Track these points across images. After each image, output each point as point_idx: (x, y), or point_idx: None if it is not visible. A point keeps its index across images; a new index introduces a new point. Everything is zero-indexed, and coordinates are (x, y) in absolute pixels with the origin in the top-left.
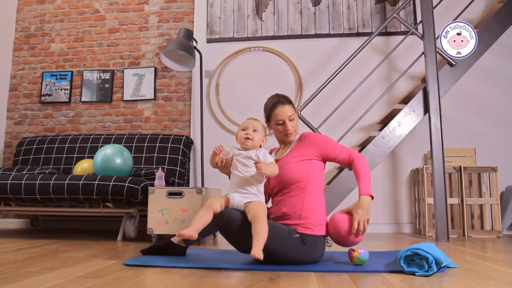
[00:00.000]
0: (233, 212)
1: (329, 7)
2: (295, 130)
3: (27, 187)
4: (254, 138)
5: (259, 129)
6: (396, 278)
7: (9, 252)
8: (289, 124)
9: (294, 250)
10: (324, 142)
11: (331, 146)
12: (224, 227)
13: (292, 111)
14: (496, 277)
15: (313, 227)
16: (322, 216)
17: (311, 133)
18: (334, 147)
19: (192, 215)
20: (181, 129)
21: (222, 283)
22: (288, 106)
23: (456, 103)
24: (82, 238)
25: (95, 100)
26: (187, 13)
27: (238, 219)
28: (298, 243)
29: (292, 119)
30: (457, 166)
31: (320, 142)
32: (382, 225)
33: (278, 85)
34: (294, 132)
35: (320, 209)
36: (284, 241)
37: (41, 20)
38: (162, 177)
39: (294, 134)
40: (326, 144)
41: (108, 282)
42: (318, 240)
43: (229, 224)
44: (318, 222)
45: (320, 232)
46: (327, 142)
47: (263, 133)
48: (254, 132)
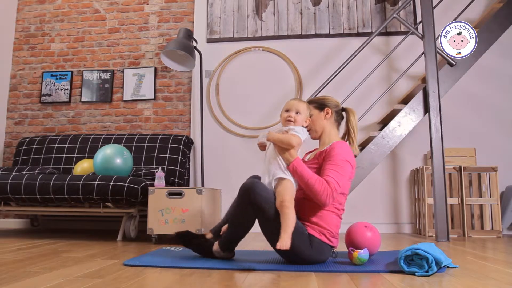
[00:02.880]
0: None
1: (329, 7)
2: (311, 129)
3: (27, 187)
4: (296, 120)
5: (302, 111)
6: (396, 278)
7: (9, 252)
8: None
9: (303, 244)
10: (333, 154)
11: (331, 160)
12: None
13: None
14: (496, 277)
15: (321, 233)
16: (335, 229)
17: (338, 145)
18: (331, 162)
19: (192, 215)
20: (181, 129)
21: (222, 283)
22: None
23: (456, 103)
24: (82, 238)
25: (95, 100)
26: (187, 13)
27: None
28: (307, 240)
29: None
30: (457, 166)
31: (331, 153)
32: (382, 225)
33: (278, 85)
34: (312, 132)
35: (334, 222)
36: (298, 232)
37: (41, 20)
38: (162, 177)
39: (313, 134)
40: (332, 157)
41: (108, 282)
42: (325, 247)
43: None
44: (328, 232)
45: (328, 241)
46: (334, 155)
47: (306, 114)
48: (296, 114)
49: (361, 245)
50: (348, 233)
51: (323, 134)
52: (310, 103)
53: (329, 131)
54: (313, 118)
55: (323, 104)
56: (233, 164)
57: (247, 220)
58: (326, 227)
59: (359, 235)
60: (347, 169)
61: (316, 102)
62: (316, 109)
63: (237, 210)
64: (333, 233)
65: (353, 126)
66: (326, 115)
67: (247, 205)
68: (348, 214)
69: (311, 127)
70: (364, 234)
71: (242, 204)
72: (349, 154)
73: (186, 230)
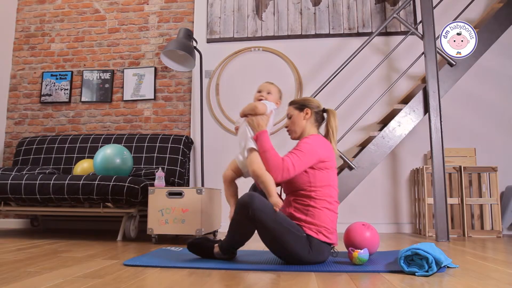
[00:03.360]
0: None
1: (329, 7)
2: (290, 129)
3: (27, 187)
4: (267, 99)
5: (273, 92)
6: (396, 278)
7: (9, 252)
8: (287, 121)
9: (302, 248)
10: (300, 142)
11: (296, 146)
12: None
13: (289, 110)
14: (496, 277)
15: (318, 232)
16: (330, 225)
17: (310, 136)
18: (295, 147)
19: (192, 215)
20: (181, 129)
21: (222, 283)
22: (289, 106)
23: (456, 103)
24: (82, 238)
25: (95, 100)
26: (187, 13)
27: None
28: (306, 243)
29: (289, 117)
30: (457, 166)
31: (300, 141)
32: (382, 225)
33: (278, 85)
34: (291, 132)
35: (328, 217)
36: (294, 235)
37: (41, 20)
38: (162, 177)
39: (292, 134)
40: (298, 144)
41: (108, 282)
42: (324, 247)
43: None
44: (324, 229)
45: (326, 239)
46: (300, 143)
47: (277, 96)
48: (268, 94)
49: (360, 245)
50: (347, 234)
51: (302, 135)
52: (292, 104)
53: (308, 131)
54: (293, 119)
55: (304, 105)
56: None
57: (247, 232)
58: (321, 224)
59: (358, 235)
60: (309, 155)
61: (297, 103)
62: (296, 109)
63: (236, 223)
64: (330, 229)
65: (332, 127)
66: (306, 116)
67: (245, 220)
68: (348, 214)
69: (291, 127)
70: (363, 234)
71: (240, 219)
72: (319, 144)
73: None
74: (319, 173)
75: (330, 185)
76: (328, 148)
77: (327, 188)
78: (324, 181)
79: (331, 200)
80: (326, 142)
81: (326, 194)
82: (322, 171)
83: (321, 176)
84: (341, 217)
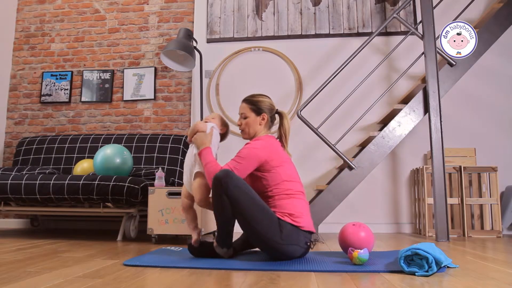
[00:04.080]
0: None
1: (329, 7)
2: (244, 129)
3: (27, 187)
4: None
5: (216, 118)
6: (396, 278)
7: (9, 252)
8: (241, 120)
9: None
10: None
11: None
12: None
13: (245, 109)
14: (496, 277)
15: (284, 215)
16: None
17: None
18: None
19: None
20: (181, 129)
21: (222, 283)
22: (243, 103)
23: (456, 103)
24: (82, 238)
25: (95, 100)
26: (187, 13)
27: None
28: (276, 225)
29: (244, 117)
30: (457, 166)
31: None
32: (382, 225)
33: (278, 85)
34: (244, 133)
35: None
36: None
37: (41, 20)
38: (162, 177)
39: (245, 135)
40: (239, 150)
41: (108, 282)
42: (295, 233)
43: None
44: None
45: (293, 221)
46: (241, 149)
47: (219, 122)
48: (212, 119)
49: (357, 247)
50: (341, 237)
51: (254, 136)
52: (247, 103)
53: (260, 134)
54: (248, 121)
55: (260, 109)
56: None
57: (228, 213)
58: (285, 211)
59: (353, 237)
60: (248, 159)
61: (254, 105)
62: (253, 112)
63: (216, 205)
64: (296, 213)
65: (285, 130)
66: (262, 121)
67: (223, 196)
68: (348, 214)
69: (244, 128)
70: (358, 235)
71: (217, 198)
72: (262, 146)
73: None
74: (269, 175)
75: (286, 180)
76: (273, 147)
77: (283, 184)
78: (278, 179)
79: (291, 192)
80: (271, 142)
81: (284, 189)
82: (271, 172)
83: (273, 177)
84: (341, 217)
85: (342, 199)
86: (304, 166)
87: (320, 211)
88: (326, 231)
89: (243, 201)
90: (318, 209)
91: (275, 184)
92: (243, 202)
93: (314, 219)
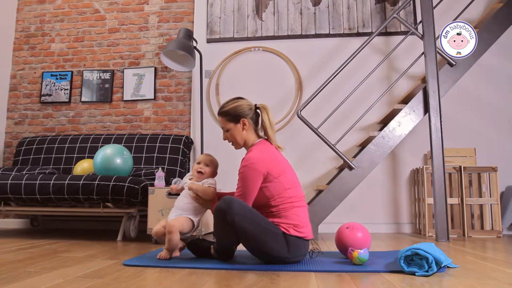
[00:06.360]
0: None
1: (329, 7)
2: (232, 142)
3: (27, 187)
4: (205, 172)
5: (211, 164)
6: (396, 278)
7: (9, 252)
8: (225, 134)
9: (279, 245)
10: (239, 170)
11: (239, 176)
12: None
13: (223, 123)
14: (496, 277)
15: (289, 229)
16: (298, 220)
17: (246, 156)
18: (238, 179)
19: None
20: (181, 129)
21: (222, 283)
22: (219, 117)
23: (456, 103)
24: (82, 238)
25: (95, 100)
26: (187, 13)
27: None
28: (282, 240)
29: (226, 131)
30: (457, 166)
31: (239, 169)
32: (382, 225)
33: (278, 85)
34: (234, 144)
35: (295, 214)
36: (272, 233)
37: (41, 20)
38: (162, 177)
39: (236, 146)
40: (239, 173)
41: (108, 282)
42: (299, 243)
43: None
44: (294, 226)
45: (299, 234)
46: (239, 172)
47: (214, 169)
48: (206, 166)
49: (354, 248)
50: (337, 240)
51: (246, 143)
52: (223, 116)
53: (250, 139)
54: (231, 132)
55: (236, 116)
56: (233, 164)
57: (232, 236)
58: (290, 222)
59: (350, 239)
60: (252, 180)
61: (230, 115)
62: (231, 122)
63: (218, 229)
64: (300, 224)
65: (266, 125)
66: (244, 127)
67: (225, 226)
68: (349, 214)
69: (232, 140)
70: (355, 236)
71: (220, 226)
72: (259, 159)
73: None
74: (271, 185)
75: (288, 188)
76: (269, 157)
77: (286, 192)
78: (281, 188)
79: (293, 200)
80: (266, 150)
81: (287, 197)
82: (273, 182)
83: (275, 187)
84: (341, 217)
85: (342, 199)
86: (304, 166)
87: (320, 211)
88: (326, 231)
89: (248, 228)
90: (318, 209)
91: (278, 194)
92: (248, 229)
93: (314, 219)
